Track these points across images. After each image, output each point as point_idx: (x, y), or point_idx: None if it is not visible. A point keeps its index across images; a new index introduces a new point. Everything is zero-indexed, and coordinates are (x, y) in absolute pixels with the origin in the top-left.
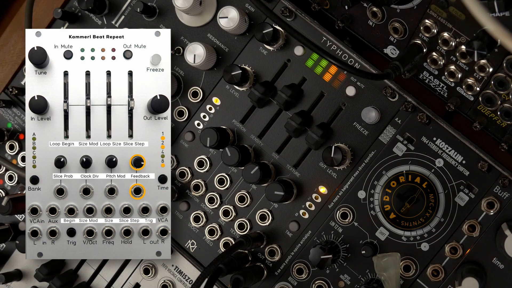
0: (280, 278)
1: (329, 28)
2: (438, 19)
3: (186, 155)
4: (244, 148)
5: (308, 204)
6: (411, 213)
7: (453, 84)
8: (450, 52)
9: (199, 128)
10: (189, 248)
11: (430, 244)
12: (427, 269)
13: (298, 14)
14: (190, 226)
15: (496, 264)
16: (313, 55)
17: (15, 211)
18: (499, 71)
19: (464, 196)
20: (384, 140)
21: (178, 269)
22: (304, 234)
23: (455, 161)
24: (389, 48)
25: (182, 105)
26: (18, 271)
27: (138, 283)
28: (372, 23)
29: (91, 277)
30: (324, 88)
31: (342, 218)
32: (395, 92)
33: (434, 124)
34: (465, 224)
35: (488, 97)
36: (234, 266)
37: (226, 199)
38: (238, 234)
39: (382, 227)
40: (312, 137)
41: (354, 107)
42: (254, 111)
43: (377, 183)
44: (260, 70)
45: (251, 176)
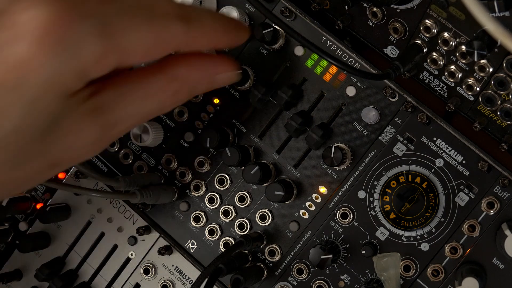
0: (280, 278)
1: (329, 28)
2: (438, 19)
3: (186, 155)
4: (244, 148)
5: (308, 204)
6: (411, 213)
7: (453, 84)
8: (450, 52)
9: (199, 128)
10: (189, 248)
11: (430, 244)
12: (427, 269)
13: (298, 14)
14: (190, 226)
15: (496, 264)
16: (313, 55)
17: (15, 211)
18: (499, 71)
19: (464, 196)
20: (384, 140)
21: (178, 269)
22: (304, 234)
23: (455, 161)
24: (389, 48)
25: (182, 105)
26: (18, 271)
27: (138, 283)
28: (372, 23)
29: (91, 277)
30: (324, 88)
31: (342, 218)
32: (395, 92)
33: (434, 124)
34: (465, 224)
35: (488, 97)
36: (234, 266)
37: (226, 199)
38: (238, 234)
39: (382, 227)
40: (312, 137)
41: (354, 107)
42: (254, 111)
43: (377, 183)
44: (260, 70)
45: (251, 176)
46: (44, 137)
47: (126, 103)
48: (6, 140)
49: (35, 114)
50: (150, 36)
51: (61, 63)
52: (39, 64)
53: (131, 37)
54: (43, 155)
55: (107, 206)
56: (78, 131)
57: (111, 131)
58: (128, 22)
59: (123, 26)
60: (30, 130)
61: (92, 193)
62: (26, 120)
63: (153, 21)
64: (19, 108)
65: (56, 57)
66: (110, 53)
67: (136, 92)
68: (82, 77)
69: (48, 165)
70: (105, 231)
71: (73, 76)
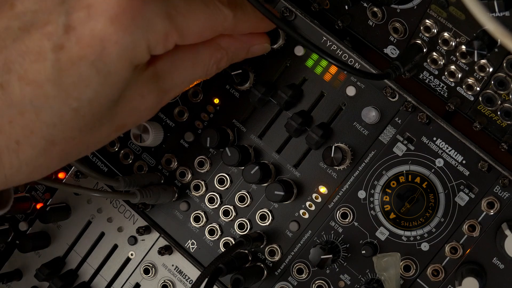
0: (280, 278)
1: (329, 28)
2: (438, 19)
3: (186, 155)
4: (244, 148)
5: (308, 204)
6: (411, 213)
7: (453, 84)
8: (450, 52)
9: (199, 128)
10: (189, 248)
11: (430, 244)
12: (427, 269)
13: (298, 14)
14: (190, 226)
15: (496, 264)
16: (313, 55)
17: (15, 211)
18: (499, 71)
19: (464, 196)
20: (384, 140)
21: (178, 269)
22: (304, 234)
23: (455, 161)
24: (389, 48)
25: (182, 105)
26: (18, 271)
27: (138, 283)
28: (372, 23)
29: (91, 277)
30: (324, 88)
31: (342, 218)
32: (395, 92)
33: (434, 124)
34: (465, 224)
35: (488, 97)
36: (234, 266)
37: (226, 199)
38: (238, 234)
39: (382, 227)
40: (312, 137)
41: (354, 107)
42: (254, 111)
43: (377, 183)
44: (260, 70)
45: (251, 176)
46: (115, 104)
47: (178, 70)
48: (86, 108)
49: (110, 84)
50: (205, 20)
51: (133, 39)
52: (115, 39)
53: (190, 19)
54: (112, 120)
55: (107, 206)
56: (141, 97)
57: (167, 96)
58: (189, 6)
59: (184, 9)
60: (105, 99)
61: (92, 193)
62: (102, 90)
63: (209, 7)
64: (98, 79)
65: (130, 34)
66: (173, 32)
67: (186, 61)
68: (149, 52)
69: (115, 128)
70: (105, 231)
71: (143, 51)
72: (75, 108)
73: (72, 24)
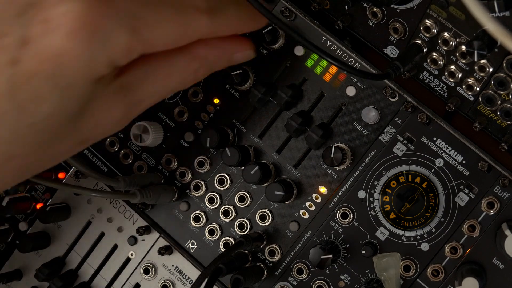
0: (280, 278)
1: (329, 28)
2: (438, 19)
3: (186, 155)
4: (244, 148)
5: (308, 204)
6: (411, 213)
7: (453, 84)
8: (450, 52)
9: (199, 128)
10: (189, 248)
11: (430, 244)
12: (427, 269)
13: (298, 14)
14: (190, 226)
15: (496, 264)
16: (313, 55)
17: (15, 211)
18: (499, 71)
19: (464, 196)
20: (384, 140)
21: (178, 269)
22: (304, 234)
23: (455, 161)
24: (389, 48)
25: (182, 105)
26: (18, 271)
27: (138, 283)
28: (372, 23)
29: (91, 277)
30: (324, 88)
31: (342, 218)
32: (395, 92)
33: (434, 124)
34: (465, 224)
35: (488, 97)
36: (234, 266)
37: (226, 199)
38: (238, 234)
39: (382, 227)
40: (312, 137)
41: (354, 107)
42: (254, 111)
43: (377, 183)
44: (260, 70)
45: (251, 176)
46: (76, 118)
47: (150, 81)
48: (43, 123)
49: (69, 99)
50: (175, 30)
51: (93, 54)
52: (73, 55)
53: (158, 30)
54: (74, 134)
55: (107, 206)
56: (106, 110)
57: (136, 108)
58: (156, 17)
59: (150, 21)
60: (64, 114)
61: (92, 193)
62: (60, 105)
63: (180, 16)
64: (55, 95)
65: (88, 49)
66: (137, 45)
67: (159, 71)
68: (111, 65)
69: (78, 142)
70: (105, 231)
71: (103, 64)
72: (31, 123)
73: (29, 38)
